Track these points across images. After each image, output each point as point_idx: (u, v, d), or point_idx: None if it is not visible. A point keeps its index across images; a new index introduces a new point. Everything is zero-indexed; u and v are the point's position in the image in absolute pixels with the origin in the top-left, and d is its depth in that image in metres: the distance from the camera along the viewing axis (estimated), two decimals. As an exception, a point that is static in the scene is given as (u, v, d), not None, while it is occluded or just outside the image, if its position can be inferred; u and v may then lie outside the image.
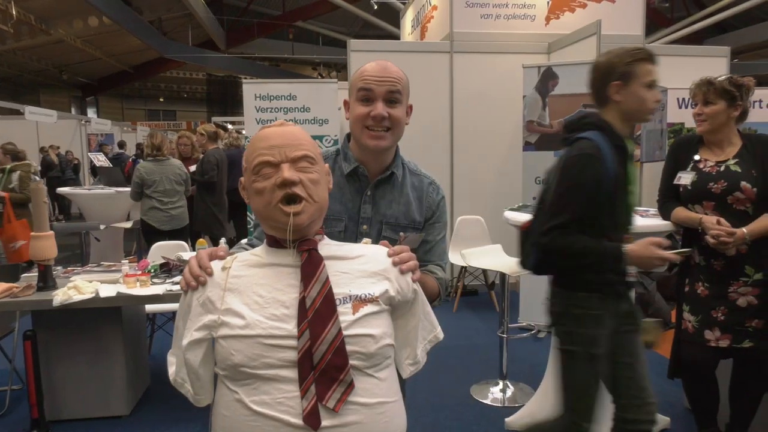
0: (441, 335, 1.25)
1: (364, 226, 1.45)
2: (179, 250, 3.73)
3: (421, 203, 1.50)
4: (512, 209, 2.77)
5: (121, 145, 12.76)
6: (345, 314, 1.05)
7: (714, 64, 5.31)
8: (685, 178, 2.30)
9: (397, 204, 1.47)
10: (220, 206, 5.32)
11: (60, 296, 2.67)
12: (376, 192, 1.46)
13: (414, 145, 5.27)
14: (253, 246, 1.39)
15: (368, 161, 1.45)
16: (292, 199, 1.06)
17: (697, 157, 2.33)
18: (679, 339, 2.40)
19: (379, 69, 1.39)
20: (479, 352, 3.95)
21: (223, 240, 3.43)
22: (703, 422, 2.44)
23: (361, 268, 1.12)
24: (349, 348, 1.03)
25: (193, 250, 3.50)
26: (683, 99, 5.16)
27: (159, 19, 17.55)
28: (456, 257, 4.85)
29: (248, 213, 5.57)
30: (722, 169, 2.23)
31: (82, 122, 14.14)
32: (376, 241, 1.42)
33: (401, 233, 1.45)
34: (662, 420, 2.79)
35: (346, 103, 1.48)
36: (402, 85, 1.41)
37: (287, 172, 1.06)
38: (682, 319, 2.38)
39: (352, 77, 1.46)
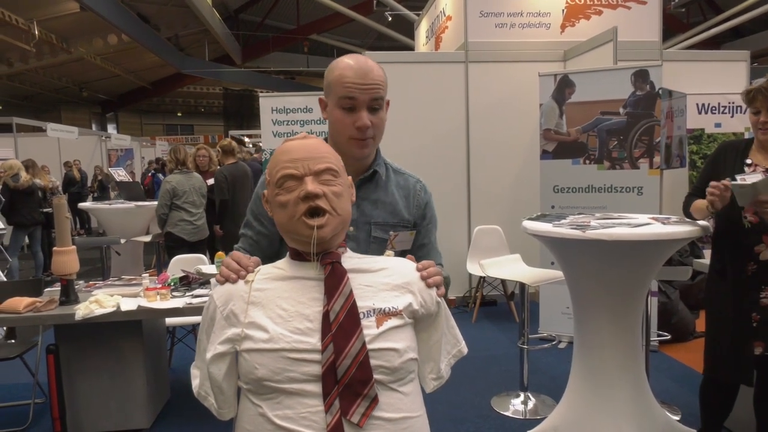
0: (465, 350, 1.23)
1: (351, 228, 1.38)
2: (198, 263, 3.76)
3: (408, 201, 1.47)
4: (531, 218, 2.74)
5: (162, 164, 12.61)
6: (369, 328, 1.04)
7: (733, 68, 5.25)
8: (751, 178, 2.22)
9: (383, 204, 1.43)
10: (236, 222, 5.35)
11: (82, 310, 2.70)
12: (359, 193, 1.40)
13: (430, 155, 5.31)
14: (247, 251, 1.40)
15: (348, 164, 1.39)
16: (315, 212, 1.06)
17: (749, 161, 2.29)
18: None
19: (361, 74, 1.31)
20: (499, 363, 3.91)
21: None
22: (714, 427, 2.41)
23: (385, 281, 1.11)
24: (373, 362, 1.02)
25: (212, 262, 3.51)
26: (702, 104, 5.10)
27: (176, 35, 17.83)
28: (474, 267, 4.82)
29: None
30: None
31: (103, 138, 14.38)
32: (366, 242, 1.40)
33: (391, 232, 1.42)
34: (689, 432, 2.73)
35: (322, 101, 1.41)
36: (383, 88, 1.35)
37: (310, 185, 1.06)
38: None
39: (330, 77, 1.36)
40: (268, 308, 1.06)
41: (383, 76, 1.35)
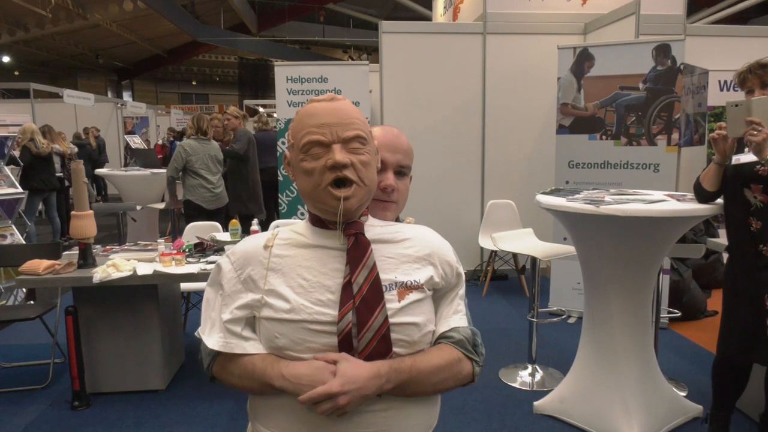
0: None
1: None
2: (213, 230, 3.81)
3: None
4: (544, 193, 2.73)
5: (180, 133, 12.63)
6: (391, 301, 1.03)
7: (761, 44, 5.10)
8: (746, 157, 2.21)
9: None
10: (256, 183, 5.44)
11: (99, 273, 2.76)
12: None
13: (445, 127, 5.28)
14: None
15: None
16: (342, 182, 1.01)
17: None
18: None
19: (392, 137, 1.24)
20: (509, 336, 3.94)
21: (255, 221, 3.47)
22: (726, 406, 2.43)
23: (407, 252, 1.09)
24: (393, 336, 1.02)
25: (226, 230, 3.55)
26: (725, 81, 4.99)
27: (192, 2, 17.67)
28: (486, 241, 4.83)
29: (279, 195, 5.61)
30: None
31: (118, 105, 14.42)
32: None
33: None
34: (695, 408, 2.75)
35: None
36: (411, 158, 1.28)
37: (339, 155, 1.00)
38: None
39: None
40: (288, 276, 1.04)
41: (411, 147, 1.29)
